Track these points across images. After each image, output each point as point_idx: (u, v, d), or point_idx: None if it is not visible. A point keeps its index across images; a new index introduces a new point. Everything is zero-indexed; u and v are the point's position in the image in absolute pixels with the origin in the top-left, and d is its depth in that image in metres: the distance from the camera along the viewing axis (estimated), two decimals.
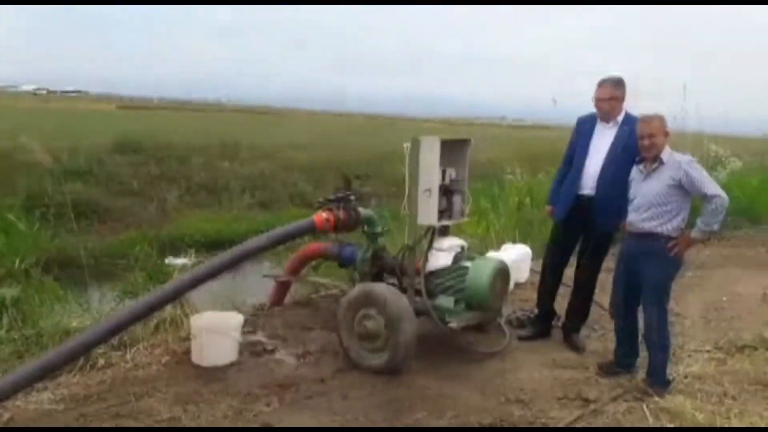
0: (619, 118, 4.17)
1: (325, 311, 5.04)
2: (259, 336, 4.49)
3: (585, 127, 4.32)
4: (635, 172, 3.85)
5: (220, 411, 3.38)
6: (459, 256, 4.18)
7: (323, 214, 4.28)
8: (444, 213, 4.20)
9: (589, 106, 4.29)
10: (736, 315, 5.43)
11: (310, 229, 4.30)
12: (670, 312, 3.87)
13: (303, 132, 25.10)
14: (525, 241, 6.90)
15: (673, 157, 3.64)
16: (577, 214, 4.27)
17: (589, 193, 4.20)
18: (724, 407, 3.43)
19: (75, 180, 12.64)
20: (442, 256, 4.16)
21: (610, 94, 4.12)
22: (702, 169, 3.65)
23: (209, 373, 3.83)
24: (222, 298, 5.03)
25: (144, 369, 3.86)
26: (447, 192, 4.22)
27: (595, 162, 4.19)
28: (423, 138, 4.01)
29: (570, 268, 4.60)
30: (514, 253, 5.82)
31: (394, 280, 4.45)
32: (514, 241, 6.85)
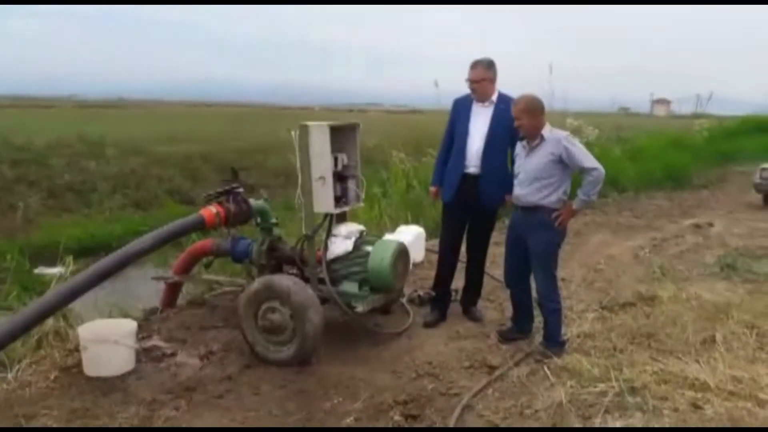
0: (494, 98, 4.33)
1: (223, 309, 4.87)
2: (155, 341, 4.23)
3: (462, 107, 4.44)
4: (519, 148, 4.05)
5: (125, 421, 3.17)
6: (359, 242, 4.20)
7: (212, 209, 4.05)
8: (340, 199, 4.19)
9: (464, 88, 4.40)
10: (614, 275, 5.96)
11: (199, 225, 4.06)
12: (557, 277, 4.14)
13: (172, 124, 23.69)
14: (417, 222, 7.12)
15: (553, 133, 3.86)
16: (463, 193, 4.39)
17: (474, 171, 4.34)
18: (616, 360, 3.72)
19: None
20: (342, 242, 4.15)
21: (483, 75, 4.27)
22: (580, 144, 3.94)
23: (107, 384, 3.56)
24: (108, 305, 4.73)
25: (30, 387, 3.52)
26: (341, 178, 4.21)
27: (477, 141, 4.32)
28: (311, 125, 3.95)
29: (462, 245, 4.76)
30: (409, 234, 5.94)
31: (294, 270, 4.39)
32: (406, 222, 7.02)
